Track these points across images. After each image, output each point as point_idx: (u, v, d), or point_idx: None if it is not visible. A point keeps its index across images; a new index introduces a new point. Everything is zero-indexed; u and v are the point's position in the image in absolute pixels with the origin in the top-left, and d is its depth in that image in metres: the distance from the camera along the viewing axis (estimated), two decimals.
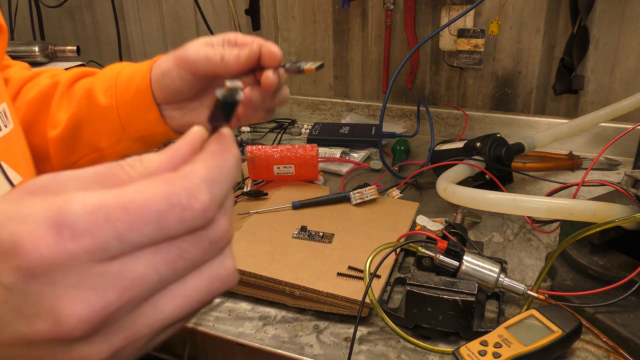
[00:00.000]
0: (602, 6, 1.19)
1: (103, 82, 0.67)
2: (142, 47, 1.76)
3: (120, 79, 0.66)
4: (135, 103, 0.64)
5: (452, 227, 0.82)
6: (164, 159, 0.29)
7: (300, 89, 1.59)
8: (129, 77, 0.65)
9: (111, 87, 0.65)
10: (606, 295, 0.68)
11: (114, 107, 0.65)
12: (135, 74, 0.64)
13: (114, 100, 0.65)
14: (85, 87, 0.69)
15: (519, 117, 1.29)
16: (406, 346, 0.68)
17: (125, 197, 0.26)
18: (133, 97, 0.64)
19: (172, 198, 0.26)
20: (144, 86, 0.63)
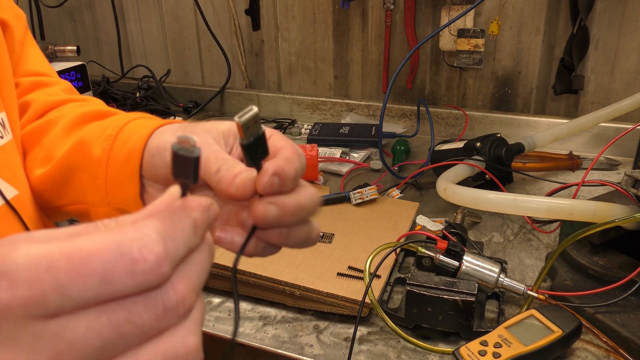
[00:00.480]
0: (602, 6, 1.19)
1: (106, 128, 0.56)
2: (142, 47, 1.76)
3: (124, 131, 0.54)
4: (123, 168, 0.51)
5: (452, 227, 0.82)
6: (139, 218, 0.28)
7: (300, 89, 1.59)
8: (133, 132, 0.53)
9: (110, 137, 0.54)
10: (606, 295, 0.68)
11: (104, 163, 0.53)
12: (138, 131, 0.52)
13: (107, 154, 0.53)
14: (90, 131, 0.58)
15: (519, 117, 1.29)
16: (406, 346, 0.68)
17: (72, 246, 0.24)
18: (124, 159, 0.51)
19: (121, 248, 0.24)
20: (135, 151, 0.50)
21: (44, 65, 0.69)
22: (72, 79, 1.34)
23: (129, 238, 0.24)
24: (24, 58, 0.66)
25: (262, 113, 1.54)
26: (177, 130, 0.48)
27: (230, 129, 0.46)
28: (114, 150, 0.53)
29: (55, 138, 0.59)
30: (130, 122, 0.55)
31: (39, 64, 0.68)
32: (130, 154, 0.51)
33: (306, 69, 1.56)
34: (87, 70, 1.39)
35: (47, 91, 0.66)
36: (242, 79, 1.64)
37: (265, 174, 0.38)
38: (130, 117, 0.56)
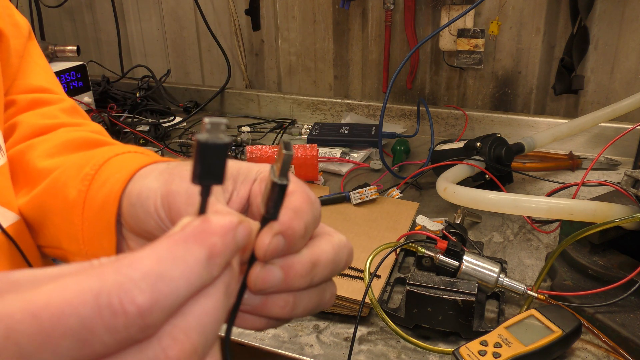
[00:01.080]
0: (602, 6, 1.19)
1: (86, 164, 0.46)
2: (142, 47, 1.76)
3: (103, 170, 0.45)
4: (99, 215, 0.42)
5: (452, 227, 0.82)
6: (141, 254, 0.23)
7: (300, 89, 1.59)
8: (112, 172, 0.43)
9: (87, 177, 0.44)
10: (606, 295, 0.69)
11: (79, 207, 0.44)
12: (118, 172, 0.42)
13: (83, 197, 0.44)
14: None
15: (519, 117, 1.29)
16: (406, 346, 0.68)
17: (39, 299, 0.20)
18: (100, 206, 0.42)
19: (100, 298, 0.20)
20: (112, 198, 0.41)
21: (48, 80, 0.62)
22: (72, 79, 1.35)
23: (110, 284, 0.20)
24: (24, 72, 0.59)
25: (262, 113, 1.54)
26: (164, 172, 0.38)
27: (239, 170, 0.38)
28: (90, 193, 0.44)
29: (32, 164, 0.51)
30: (112, 159, 0.45)
31: (42, 79, 0.61)
32: (106, 200, 0.41)
33: (306, 69, 1.56)
34: (87, 70, 1.39)
35: (41, 112, 0.58)
36: (242, 79, 1.64)
37: (266, 233, 0.30)
38: (114, 152, 0.46)
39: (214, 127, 0.24)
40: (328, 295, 0.35)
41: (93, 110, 1.30)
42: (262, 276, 0.30)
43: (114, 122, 1.29)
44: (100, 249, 0.43)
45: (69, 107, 0.61)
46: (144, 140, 1.28)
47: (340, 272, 0.35)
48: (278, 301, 0.32)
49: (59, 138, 0.53)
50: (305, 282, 0.32)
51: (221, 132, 0.24)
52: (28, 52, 0.60)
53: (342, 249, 0.34)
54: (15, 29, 0.58)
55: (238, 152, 1.17)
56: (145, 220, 0.37)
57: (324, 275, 0.33)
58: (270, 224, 0.30)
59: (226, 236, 0.24)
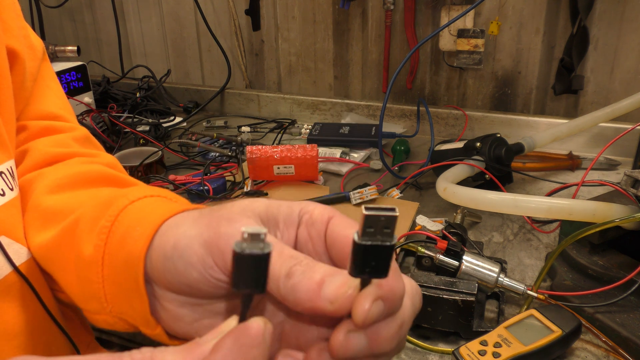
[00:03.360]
0: (601, 6, 1.19)
1: (102, 213, 0.42)
2: (142, 47, 1.77)
3: (121, 220, 0.40)
4: (125, 273, 0.38)
5: (452, 227, 0.82)
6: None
7: (300, 89, 1.59)
8: (133, 222, 0.39)
9: (104, 230, 0.40)
10: (606, 295, 0.69)
11: (98, 265, 0.40)
12: (140, 224, 0.38)
13: (101, 254, 0.40)
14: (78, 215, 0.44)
15: (518, 117, 1.29)
16: (406, 346, 0.68)
17: None
18: (124, 262, 0.38)
19: None
20: (136, 254, 0.37)
21: (61, 106, 0.59)
22: (72, 79, 1.35)
23: None
24: (37, 96, 0.57)
25: (262, 113, 1.54)
26: (201, 217, 0.34)
27: (268, 211, 0.34)
28: (109, 248, 0.40)
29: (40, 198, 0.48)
30: (129, 207, 0.41)
31: (55, 105, 0.59)
32: (130, 257, 0.37)
33: (306, 69, 1.56)
34: (87, 70, 1.39)
35: (54, 139, 0.55)
36: (242, 79, 1.64)
37: (366, 296, 0.27)
38: (129, 200, 0.42)
39: (253, 237, 0.23)
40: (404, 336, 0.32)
41: (93, 111, 1.30)
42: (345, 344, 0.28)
43: (114, 122, 1.29)
44: (130, 309, 0.39)
45: (82, 136, 0.58)
46: (144, 140, 1.28)
47: (413, 316, 0.33)
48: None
49: (70, 169, 0.50)
50: (393, 345, 0.29)
51: (261, 242, 0.23)
52: (41, 75, 0.58)
53: (415, 296, 0.32)
54: (30, 51, 0.55)
55: (238, 152, 1.17)
56: (186, 272, 0.33)
57: (406, 331, 0.31)
58: (371, 285, 0.27)
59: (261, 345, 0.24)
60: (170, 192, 0.44)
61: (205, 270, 0.32)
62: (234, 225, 0.32)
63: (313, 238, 0.33)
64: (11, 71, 0.51)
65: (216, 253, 0.32)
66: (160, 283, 0.36)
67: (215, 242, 0.32)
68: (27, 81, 0.55)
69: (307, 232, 0.33)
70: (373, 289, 0.27)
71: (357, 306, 0.27)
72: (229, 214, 0.33)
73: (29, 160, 0.53)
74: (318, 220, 0.33)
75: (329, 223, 0.33)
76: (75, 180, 0.49)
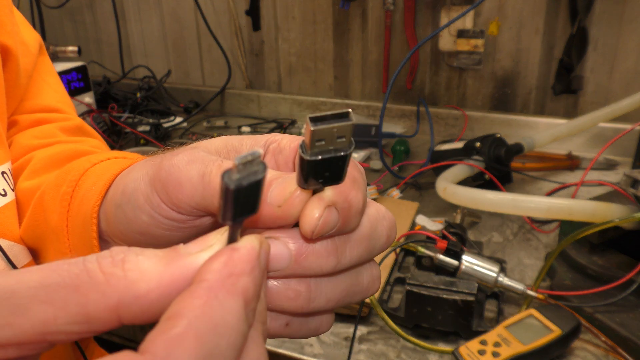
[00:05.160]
0: (601, 7, 1.20)
1: (63, 181, 0.41)
2: (142, 47, 1.77)
3: (81, 185, 0.39)
4: (82, 237, 0.37)
5: (452, 227, 0.82)
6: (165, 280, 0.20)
7: (300, 89, 1.59)
8: (90, 185, 0.38)
9: (66, 196, 0.39)
10: (605, 295, 0.69)
11: (64, 233, 0.39)
12: (97, 183, 0.37)
13: (65, 221, 0.39)
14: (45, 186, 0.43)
15: (518, 118, 1.29)
16: (406, 345, 0.68)
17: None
18: (82, 225, 0.37)
19: None
20: (89, 211, 0.36)
21: (58, 99, 0.57)
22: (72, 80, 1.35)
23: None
24: (33, 92, 0.55)
25: (262, 113, 1.54)
26: (148, 160, 0.33)
27: (227, 144, 0.32)
28: (71, 214, 0.38)
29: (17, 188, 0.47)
30: (90, 170, 0.39)
31: (51, 98, 0.57)
32: (85, 218, 0.36)
33: (306, 70, 1.56)
34: (87, 70, 1.39)
35: (38, 130, 0.53)
36: (242, 79, 1.64)
37: (315, 204, 0.24)
38: (90, 162, 0.40)
39: (245, 165, 0.21)
40: (366, 280, 0.29)
41: (94, 111, 1.31)
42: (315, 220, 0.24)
43: (115, 122, 1.29)
44: None
45: (73, 125, 0.55)
46: (144, 140, 1.28)
47: (382, 250, 0.28)
48: (286, 291, 0.26)
49: (45, 152, 0.48)
50: (328, 266, 0.26)
51: (255, 165, 0.21)
52: (37, 71, 0.56)
53: (379, 221, 0.28)
54: (24, 47, 0.54)
55: None
56: (135, 218, 0.31)
57: (354, 256, 0.27)
58: (320, 193, 0.24)
59: (254, 270, 0.21)
60: (135, 154, 0.42)
61: (154, 210, 0.30)
62: (175, 158, 0.29)
63: (280, 166, 0.31)
64: (3, 68, 0.50)
65: (158, 186, 0.29)
66: (116, 237, 0.34)
67: (157, 176, 0.30)
68: (22, 78, 0.53)
69: (274, 160, 0.31)
70: (322, 195, 0.24)
71: (305, 214, 0.24)
72: (174, 151, 0.31)
73: (11, 154, 0.51)
74: (286, 147, 0.31)
75: (297, 149, 0.30)
76: (49, 162, 0.47)
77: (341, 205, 0.25)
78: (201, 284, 0.19)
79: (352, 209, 0.25)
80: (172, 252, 0.21)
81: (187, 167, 0.28)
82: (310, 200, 0.25)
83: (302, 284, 0.26)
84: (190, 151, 0.30)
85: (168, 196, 0.29)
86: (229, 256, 0.20)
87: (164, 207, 0.30)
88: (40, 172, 0.46)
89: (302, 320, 0.28)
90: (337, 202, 0.25)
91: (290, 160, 0.30)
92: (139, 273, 0.19)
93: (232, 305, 0.19)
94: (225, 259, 0.20)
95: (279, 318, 0.28)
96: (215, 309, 0.19)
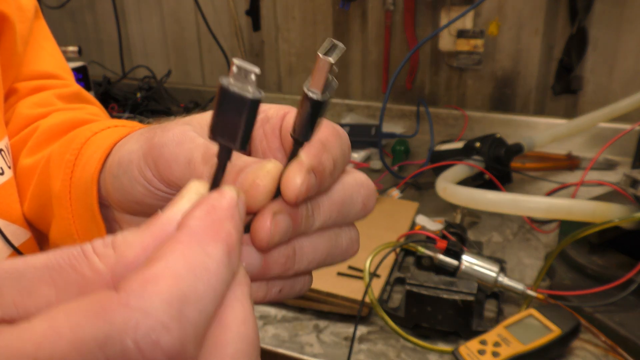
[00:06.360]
0: (600, 7, 1.20)
1: (67, 149, 0.42)
2: (143, 47, 1.77)
3: (84, 152, 0.40)
4: (83, 203, 0.38)
5: (452, 226, 0.82)
6: (148, 241, 0.20)
7: (300, 89, 1.59)
8: (92, 152, 0.39)
9: (69, 163, 0.40)
10: (605, 295, 0.69)
11: (66, 199, 0.39)
12: (97, 151, 0.38)
13: (68, 187, 0.39)
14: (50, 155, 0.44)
15: (518, 118, 1.29)
16: (406, 345, 0.68)
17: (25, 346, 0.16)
18: (83, 192, 0.38)
19: (108, 348, 0.15)
20: (91, 179, 0.37)
21: (55, 65, 0.56)
22: None
23: (119, 326, 0.16)
24: (30, 57, 0.54)
25: None
26: (144, 132, 0.34)
27: None
28: (74, 181, 0.39)
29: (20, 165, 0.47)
30: (92, 139, 0.40)
31: (48, 63, 0.56)
32: (86, 184, 0.37)
33: (306, 70, 1.56)
34: (88, 70, 1.39)
35: (37, 98, 0.52)
36: None
37: (296, 171, 0.25)
38: (92, 131, 0.41)
39: (242, 73, 0.19)
40: (345, 242, 0.29)
41: None
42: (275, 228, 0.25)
43: None
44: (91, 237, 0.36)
45: (70, 92, 0.55)
46: None
47: (359, 216, 0.29)
48: (278, 258, 0.27)
49: (45, 123, 0.48)
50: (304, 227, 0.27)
51: (249, 84, 0.20)
52: (34, 36, 0.55)
53: (355, 188, 0.29)
54: (20, 13, 0.52)
55: None
56: (131, 188, 0.32)
57: (326, 220, 0.28)
58: (297, 160, 0.25)
59: (235, 217, 0.21)
60: (136, 122, 0.43)
61: (148, 183, 0.31)
62: (167, 134, 0.30)
63: (267, 135, 0.32)
64: (1, 37, 0.48)
65: (150, 163, 0.31)
66: (115, 205, 0.35)
67: (149, 152, 0.31)
68: (19, 45, 0.51)
69: (262, 130, 0.32)
70: (300, 162, 0.25)
71: (287, 181, 0.25)
72: (166, 125, 0.32)
73: (11, 125, 0.51)
74: (274, 116, 0.32)
75: (284, 118, 0.31)
76: (50, 135, 0.47)
77: (317, 169, 0.26)
78: (183, 230, 0.20)
79: (325, 171, 0.26)
80: (152, 217, 0.21)
81: (176, 149, 0.29)
82: (290, 167, 0.25)
83: (289, 248, 0.27)
84: (181, 128, 0.31)
85: (159, 173, 0.31)
86: (211, 203, 0.20)
87: (156, 181, 0.31)
88: (43, 145, 0.47)
89: (291, 283, 0.30)
90: (314, 166, 0.26)
91: (277, 129, 0.31)
92: (125, 244, 0.20)
93: (213, 250, 0.19)
94: (208, 206, 0.20)
95: (275, 286, 0.29)
96: (196, 252, 0.19)
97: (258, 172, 0.26)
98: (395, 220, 0.91)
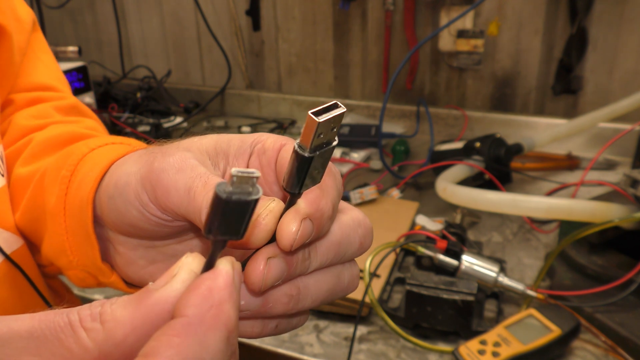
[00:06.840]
0: (600, 7, 1.20)
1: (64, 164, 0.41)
2: (143, 47, 1.77)
3: (80, 169, 0.39)
4: (78, 221, 0.38)
5: (452, 226, 0.82)
6: (138, 322, 0.20)
7: (300, 89, 1.59)
8: (88, 169, 0.38)
9: (65, 179, 0.39)
10: (605, 295, 0.69)
11: (60, 215, 0.39)
12: (93, 168, 0.37)
13: (63, 203, 0.38)
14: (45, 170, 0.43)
15: (518, 118, 1.29)
16: (406, 345, 0.68)
17: None
18: (78, 209, 0.37)
19: None
20: (86, 197, 0.36)
21: (52, 77, 0.57)
22: (73, 80, 1.35)
23: None
24: (27, 69, 0.54)
25: (262, 113, 1.54)
26: (143, 154, 0.33)
27: (217, 145, 0.32)
28: (69, 198, 0.38)
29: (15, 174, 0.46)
30: (89, 155, 0.39)
31: (45, 75, 0.56)
32: (81, 202, 0.36)
33: (306, 70, 1.56)
34: (88, 70, 1.39)
35: (34, 110, 0.52)
36: (242, 80, 1.64)
37: (291, 218, 0.25)
38: (89, 147, 0.40)
39: (242, 180, 0.20)
40: (347, 279, 0.30)
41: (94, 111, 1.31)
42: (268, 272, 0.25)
43: (115, 122, 1.30)
44: (86, 258, 0.38)
45: (67, 105, 0.55)
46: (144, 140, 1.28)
47: (355, 255, 0.30)
48: (281, 297, 0.27)
49: (42, 135, 0.48)
50: (300, 270, 0.27)
51: (250, 186, 0.20)
52: (31, 48, 0.55)
53: (353, 228, 0.29)
54: (18, 24, 0.52)
55: None
56: (126, 211, 0.32)
57: (324, 261, 0.28)
58: (294, 207, 0.25)
59: (233, 295, 0.20)
60: (135, 140, 0.42)
61: (143, 208, 0.31)
62: (167, 159, 0.30)
63: (264, 167, 0.31)
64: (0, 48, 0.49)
65: (148, 187, 0.30)
66: (110, 225, 0.35)
67: (148, 177, 0.30)
68: (16, 56, 0.52)
69: (258, 161, 0.32)
70: (297, 208, 0.25)
71: (282, 229, 0.25)
72: (167, 149, 0.32)
73: (8, 135, 0.50)
74: (270, 148, 0.31)
75: (280, 150, 0.30)
76: (46, 146, 0.46)
77: (314, 215, 0.26)
78: (179, 320, 0.19)
79: (324, 216, 0.26)
80: (142, 292, 0.21)
81: (175, 176, 0.29)
82: (287, 215, 0.25)
83: (293, 287, 0.28)
84: (182, 155, 0.30)
85: (156, 198, 0.30)
86: (208, 286, 0.20)
87: (152, 206, 0.31)
88: (38, 156, 0.46)
89: (288, 319, 0.30)
90: (311, 213, 0.26)
91: (273, 162, 0.31)
92: (114, 322, 0.19)
93: (212, 339, 0.19)
94: (204, 290, 0.20)
95: (271, 322, 0.29)
96: (192, 348, 0.18)
97: (260, 209, 0.26)
98: (395, 220, 0.91)
